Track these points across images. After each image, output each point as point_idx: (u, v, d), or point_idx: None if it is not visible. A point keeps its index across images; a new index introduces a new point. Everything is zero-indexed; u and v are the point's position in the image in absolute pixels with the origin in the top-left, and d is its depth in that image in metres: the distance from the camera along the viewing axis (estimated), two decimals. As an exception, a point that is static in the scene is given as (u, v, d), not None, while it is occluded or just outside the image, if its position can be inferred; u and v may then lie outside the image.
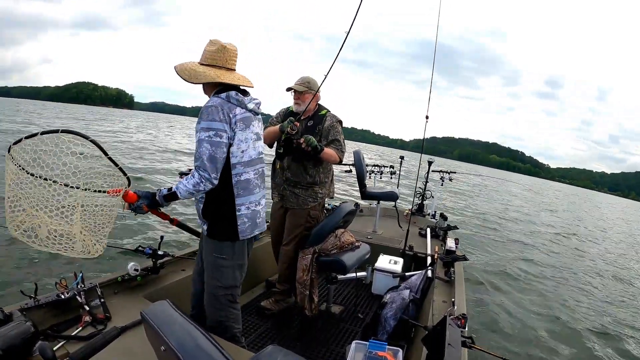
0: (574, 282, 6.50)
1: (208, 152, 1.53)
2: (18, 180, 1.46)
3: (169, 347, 0.85)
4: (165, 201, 1.61)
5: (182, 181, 1.57)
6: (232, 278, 1.74)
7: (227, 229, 1.66)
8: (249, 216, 1.69)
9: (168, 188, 1.61)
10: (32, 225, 1.47)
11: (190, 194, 1.57)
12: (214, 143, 1.53)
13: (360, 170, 3.81)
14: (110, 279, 1.90)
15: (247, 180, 1.67)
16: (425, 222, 4.34)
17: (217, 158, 1.54)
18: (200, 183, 1.53)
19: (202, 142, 1.54)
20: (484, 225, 10.27)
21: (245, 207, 1.68)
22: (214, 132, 1.54)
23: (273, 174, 2.61)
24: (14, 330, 1.32)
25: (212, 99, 1.59)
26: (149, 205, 1.62)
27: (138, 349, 1.43)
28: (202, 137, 1.54)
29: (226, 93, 1.60)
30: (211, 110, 1.54)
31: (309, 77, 2.48)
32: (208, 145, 1.53)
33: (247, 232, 1.70)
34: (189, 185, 1.54)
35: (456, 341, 1.34)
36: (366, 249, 2.73)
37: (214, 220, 1.66)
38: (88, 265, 3.89)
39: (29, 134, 1.44)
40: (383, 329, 2.19)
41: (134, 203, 1.58)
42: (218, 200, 1.65)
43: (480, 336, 3.75)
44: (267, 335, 2.39)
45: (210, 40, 1.65)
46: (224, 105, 1.57)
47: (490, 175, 26.68)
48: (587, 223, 17.29)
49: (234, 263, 1.72)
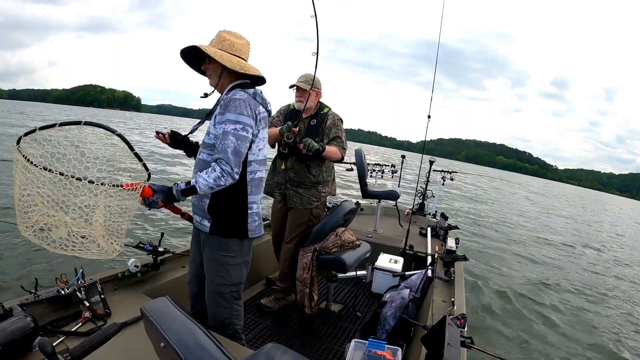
0: (575, 282, 6.49)
1: (233, 145, 1.47)
2: (32, 176, 1.31)
3: (168, 343, 0.85)
4: (183, 196, 1.52)
5: (201, 174, 1.49)
6: (238, 275, 1.71)
7: (237, 226, 1.63)
8: (259, 214, 1.68)
9: (186, 182, 1.52)
10: (47, 226, 1.34)
11: (211, 188, 1.49)
12: (239, 137, 1.48)
13: (361, 169, 3.82)
14: (111, 275, 1.90)
15: (260, 179, 1.66)
16: (426, 221, 4.34)
17: (241, 152, 1.50)
18: (222, 177, 1.46)
19: (228, 135, 1.48)
20: (489, 227, 10.27)
21: (257, 206, 1.66)
22: (242, 125, 1.49)
23: (273, 172, 2.61)
24: (14, 325, 1.33)
25: (240, 93, 1.54)
26: (165, 201, 1.54)
27: (138, 345, 1.43)
28: (227, 130, 1.48)
29: (253, 90, 1.58)
30: (240, 103, 1.50)
31: (312, 75, 2.47)
32: (234, 139, 1.47)
33: (257, 231, 1.68)
34: (210, 180, 1.46)
35: (455, 341, 1.34)
36: (366, 248, 2.73)
37: (223, 217, 1.61)
38: (88, 262, 3.89)
39: (45, 125, 1.31)
40: (382, 328, 2.19)
41: (149, 198, 1.50)
42: (230, 197, 1.59)
43: (480, 336, 3.75)
44: (266, 333, 2.39)
45: (232, 32, 1.62)
46: (251, 101, 1.54)
47: (496, 177, 26.42)
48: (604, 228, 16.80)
49: (242, 260, 1.69)
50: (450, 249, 2.99)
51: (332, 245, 2.48)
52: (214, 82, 1.62)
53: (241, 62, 1.59)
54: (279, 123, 2.53)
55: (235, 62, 1.56)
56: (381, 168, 4.83)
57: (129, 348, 1.44)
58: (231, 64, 1.54)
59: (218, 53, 1.55)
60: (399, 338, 2.07)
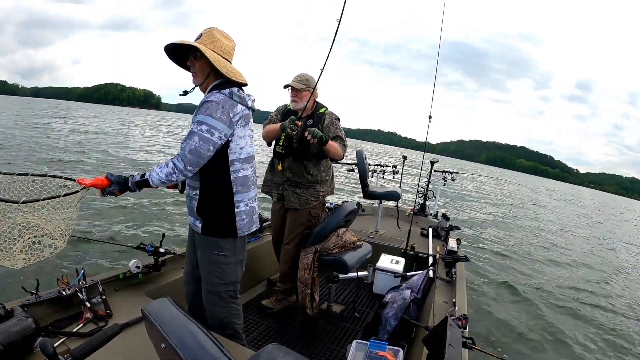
0: (576, 282, 6.48)
1: (194, 145, 1.49)
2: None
3: (169, 344, 0.85)
4: (137, 188, 1.57)
5: (155, 168, 1.53)
6: (233, 274, 1.72)
7: (226, 225, 1.64)
8: (247, 212, 1.67)
9: (141, 174, 1.57)
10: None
11: (162, 182, 1.53)
12: (203, 138, 1.50)
13: (362, 169, 3.81)
14: (112, 276, 1.91)
15: (245, 177, 1.66)
16: (427, 222, 4.34)
17: (201, 153, 1.50)
18: (173, 173, 1.50)
19: (193, 135, 1.50)
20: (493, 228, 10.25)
21: (244, 204, 1.66)
22: (207, 127, 1.50)
23: (271, 173, 2.61)
24: (15, 326, 1.33)
25: (214, 95, 1.54)
26: (121, 191, 1.58)
27: (139, 346, 1.44)
28: (193, 130, 1.51)
29: (229, 89, 1.57)
30: (211, 105, 1.51)
31: (307, 75, 2.45)
32: (197, 139, 1.50)
33: (246, 228, 1.69)
34: (162, 174, 1.51)
35: (457, 342, 1.33)
36: (368, 249, 2.72)
37: (211, 218, 1.63)
38: (89, 262, 3.91)
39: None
40: (384, 329, 2.18)
41: (107, 188, 1.56)
42: (216, 197, 1.62)
43: (481, 337, 3.74)
44: (268, 334, 2.39)
45: (223, 33, 1.61)
46: (226, 102, 1.54)
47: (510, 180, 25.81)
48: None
49: (235, 259, 1.70)
50: (452, 250, 2.99)
51: (333, 246, 2.47)
52: (199, 81, 1.62)
53: (234, 69, 1.60)
54: (277, 121, 2.52)
55: (229, 68, 1.58)
56: (382, 168, 4.83)
57: (129, 349, 1.45)
58: (226, 70, 1.55)
59: (222, 62, 1.55)
60: (401, 339, 2.06)
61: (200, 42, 1.55)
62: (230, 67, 1.59)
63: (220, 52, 1.58)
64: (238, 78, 1.60)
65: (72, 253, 4.08)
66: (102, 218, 5.55)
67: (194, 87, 1.64)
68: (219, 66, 1.52)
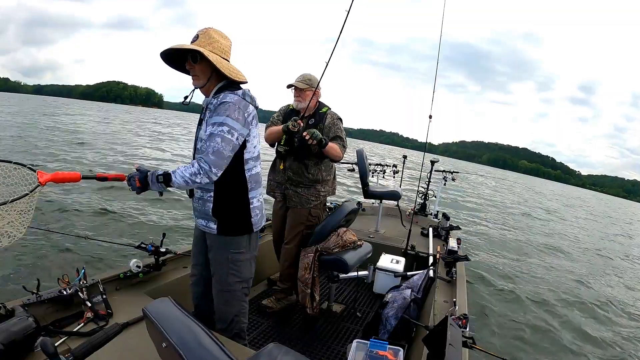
0: (578, 283, 6.47)
1: (217, 146, 1.47)
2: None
3: (170, 343, 0.86)
4: (157, 182, 1.48)
5: (180, 167, 1.48)
6: (248, 270, 1.75)
7: (243, 222, 1.66)
8: (259, 208, 1.72)
9: (164, 172, 1.49)
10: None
11: (185, 182, 1.47)
12: (225, 139, 1.48)
13: (362, 169, 3.81)
14: (113, 275, 1.91)
15: (257, 174, 1.69)
16: (428, 221, 4.34)
17: (223, 154, 1.49)
18: (199, 174, 1.44)
19: (214, 137, 1.48)
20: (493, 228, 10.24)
21: (257, 200, 1.70)
22: (228, 128, 1.49)
23: (273, 172, 2.61)
24: (16, 325, 1.33)
25: (229, 96, 1.54)
26: (140, 180, 1.49)
27: (139, 345, 1.44)
28: (214, 132, 1.49)
29: (242, 91, 1.59)
30: (229, 106, 1.50)
31: (309, 74, 2.46)
32: (219, 140, 1.47)
33: (260, 223, 1.73)
34: (187, 174, 1.45)
35: (457, 341, 1.33)
36: (368, 248, 2.72)
37: (228, 217, 1.63)
38: (90, 262, 3.91)
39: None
40: (384, 328, 2.18)
41: (133, 175, 1.49)
42: (232, 197, 1.63)
43: (482, 337, 3.74)
44: (268, 333, 2.39)
45: (220, 32, 1.60)
46: (241, 102, 1.54)
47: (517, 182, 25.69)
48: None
49: (250, 255, 1.74)
50: (452, 249, 2.99)
51: (333, 246, 2.47)
52: (200, 83, 1.60)
53: (235, 69, 1.61)
54: (278, 123, 2.54)
55: (231, 68, 1.58)
56: (383, 168, 4.83)
57: (130, 348, 1.45)
58: (229, 71, 1.55)
59: (224, 63, 1.55)
60: (401, 338, 2.07)
61: (198, 44, 1.53)
62: (231, 68, 1.60)
63: (220, 52, 1.58)
64: (239, 77, 1.61)
65: (72, 252, 4.09)
66: (102, 217, 5.56)
67: (193, 90, 1.63)
68: (222, 68, 1.52)
